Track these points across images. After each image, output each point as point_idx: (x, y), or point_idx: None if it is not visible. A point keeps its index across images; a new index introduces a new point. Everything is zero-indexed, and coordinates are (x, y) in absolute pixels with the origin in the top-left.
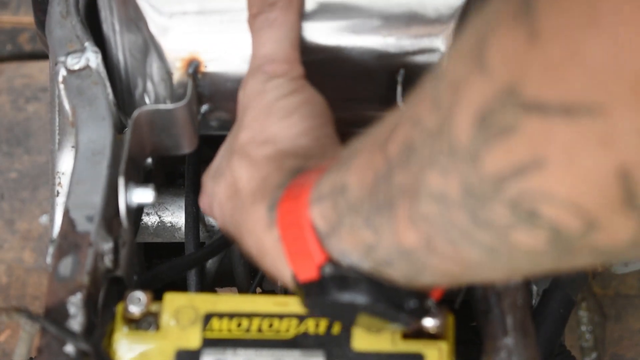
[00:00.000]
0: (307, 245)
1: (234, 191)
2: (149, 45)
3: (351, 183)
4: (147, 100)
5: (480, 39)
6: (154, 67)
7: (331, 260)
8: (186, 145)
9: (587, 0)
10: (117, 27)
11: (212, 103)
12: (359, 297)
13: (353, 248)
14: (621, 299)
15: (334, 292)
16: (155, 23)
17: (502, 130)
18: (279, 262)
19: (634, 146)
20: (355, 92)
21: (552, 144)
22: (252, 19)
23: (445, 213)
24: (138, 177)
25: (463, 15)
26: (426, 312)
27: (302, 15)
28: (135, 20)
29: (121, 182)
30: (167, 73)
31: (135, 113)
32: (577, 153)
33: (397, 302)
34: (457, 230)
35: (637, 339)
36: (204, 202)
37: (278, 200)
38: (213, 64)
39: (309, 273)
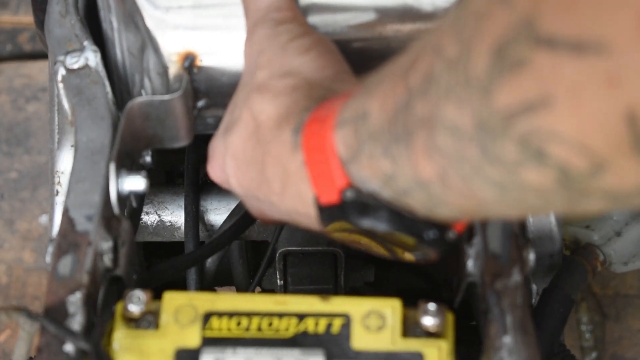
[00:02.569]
0: (329, 169)
1: (255, 127)
2: (145, 40)
3: (372, 110)
4: (144, 95)
5: None
6: (151, 62)
7: (352, 186)
8: (182, 138)
9: None
10: (115, 24)
11: (209, 99)
12: (378, 224)
13: (373, 176)
14: (621, 298)
15: (354, 217)
16: (151, 17)
17: (515, 64)
18: (302, 186)
19: (639, 87)
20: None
21: (560, 82)
22: None
23: (458, 146)
24: (131, 166)
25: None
26: (447, 244)
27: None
28: (132, 15)
29: (112, 169)
30: (163, 67)
31: (129, 104)
32: (584, 92)
33: (417, 231)
34: (469, 165)
35: (637, 339)
36: (213, 165)
37: (304, 122)
38: (208, 58)
39: (330, 196)
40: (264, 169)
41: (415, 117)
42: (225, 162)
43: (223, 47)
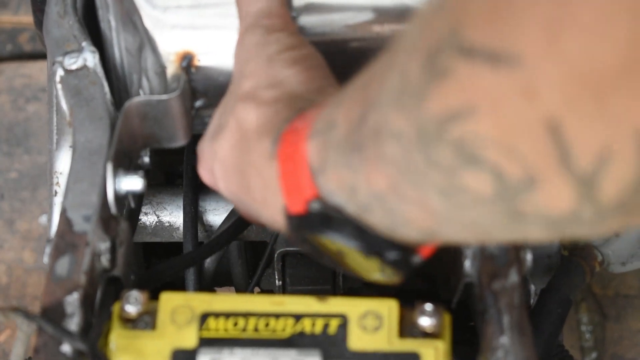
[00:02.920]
0: (299, 179)
1: (240, 135)
2: (143, 39)
3: (339, 121)
4: (142, 94)
5: None
6: (149, 62)
7: (319, 198)
8: (179, 138)
9: None
10: (113, 24)
11: (207, 98)
12: (342, 239)
13: (338, 188)
14: (621, 299)
15: (319, 228)
16: (149, 16)
17: (441, 72)
18: (277, 196)
19: (556, 99)
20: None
21: (479, 92)
22: None
23: (404, 154)
24: (129, 166)
25: None
26: (411, 268)
27: (292, 7)
28: (130, 14)
29: (109, 168)
30: (161, 67)
31: (126, 104)
32: (503, 103)
33: (379, 250)
34: (415, 171)
35: (637, 339)
36: (203, 167)
37: (281, 132)
38: (206, 58)
39: (298, 206)
40: (247, 178)
41: (368, 127)
42: (213, 166)
43: (221, 47)
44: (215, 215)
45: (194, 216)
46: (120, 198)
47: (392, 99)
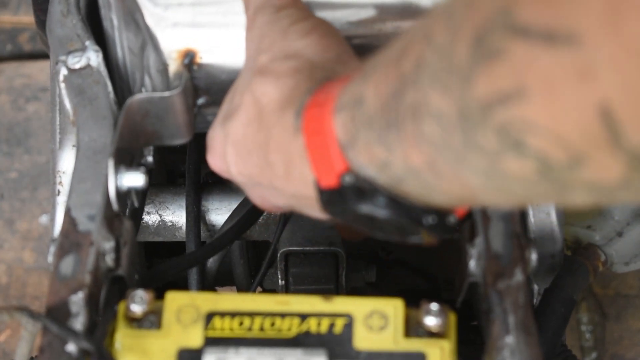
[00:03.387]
0: (329, 153)
1: (257, 111)
2: (145, 38)
3: (368, 96)
4: (149, 88)
5: None
6: (151, 60)
7: (351, 170)
8: (181, 135)
9: None
10: (115, 22)
11: (209, 96)
12: (377, 210)
13: (369, 162)
14: (621, 299)
15: (353, 202)
16: (151, 14)
17: (492, 53)
18: (304, 169)
19: (612, 81)
20: None
21: (533, 73)
22: None
23: (444, 134)
24: (131, 163)
25: None
26: (448, 228)
27: None
28: (132, 12)
29: (110, 165)
30: (163, 65)
31: (128, 101)
32: (557, 85)
33: (415, 217)
34: (454, 153)
35: (637, 339)
36: (213, 154)
37: (304, 106)
38: (208, 56)
39: (330, 180)
40: (267, 153)
41: (406, 104)
42: (225, 150)
43: (223, 44)
44: (218, 215)
45: (196, 215)
46: (122, 195)
47: (433, 78)
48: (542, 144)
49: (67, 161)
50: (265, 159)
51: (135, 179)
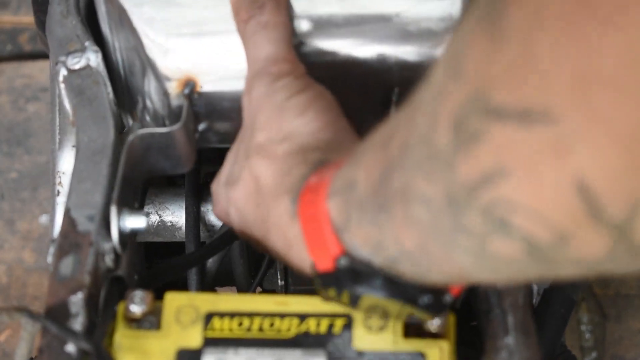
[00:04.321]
0: (324, 237)
1: (254, 190)
2: (145, 64)
3: (359, 180)
4: (147, 117)
5: (457, 47)
6: (152, 86)
7: (347, 254)
8: (184, 165)
9: (538, 0)
10: (117, 45)
11: (210, 121)
12: (373, 292)
13: (364, 244)
14: (621, 299)
15: (349, 284)
16: (151, 43)
17: (471, 137)
18: (302, 253)
19: (586, 155)
20: (349, 109)
21: (512, 153)
22: (243, 25)
23: (432, 218)
24: (133, 200)
25: None
26: (444, 307)
27: (296, 34)
28: (132, 41)
29: (113, 211)
30: (164, 93)
31: (130, 137)
32: (536, 163)
33: (411, 297)
34: (444, 235)
35: (637, 339)
36: (219, 210)
37: (300, 192)
38: (209, 85)
39: (326, 264)
40: (267, 232)
41: (394, 188)
42: (229, 211)
43: (223, 73)
44: None
45: (196, 216)
46: (124, 237)
47: (417, 164)
48: (527, 224)
49: (66, 161)
50: (266, 237)
51: (137, 222)
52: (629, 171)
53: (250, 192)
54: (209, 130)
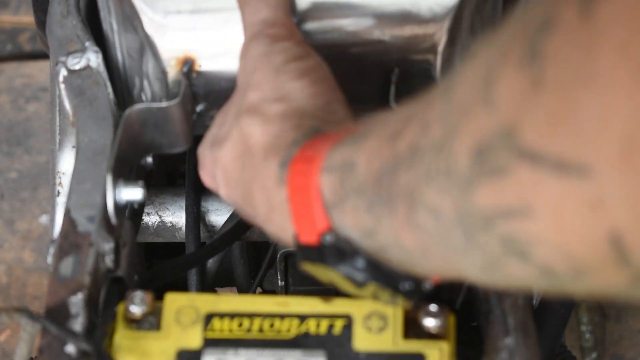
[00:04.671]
0: (312, 211)
1: (243, 149)
2: (144, 44)
3: (359, 164)
4: (143, 98)
5: (489, 72)
6: (150, 66)
7: (333, 230)
8: (181, 144)
9: (588, 54)
10: (115, 27)
11: (208, 102)
12: (355, 272)
13: (354, 226)
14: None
15: (331, 261)
16: (150, 21)
17: (495, 170)
18: (285, 221)
19: (625, 213)
20: (349, 92)
21: (540, 196)
22: None
23: (440, 228)
24: (129, 175)
25: (457, 14)
26: (424, 294)
27: (295, 13)
28: (131, 19)
29: (109, 179)
30: (162, 72)
31: (127, 111)
32: (566, 210)
33: (393, 282)
34: (452, 247)
35: (637, 339)
36: (204, 172)
37: (291, 158)
38: (207, 63)
39: (310, 237)
40: (251, 192)
41: (399, 186)
42: (215, 172)
43: (222, 52)
44: (218, 216)
45: (196, 216)
46: (120, 208)
47: (428, 174)
48: (548, 256)
49: (66, 162)
50: (249, 196)
51: (133, 193)
52: None
53: (238, 152)
54: (206, 113)
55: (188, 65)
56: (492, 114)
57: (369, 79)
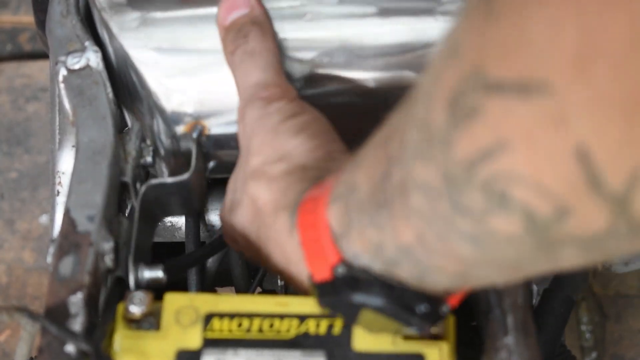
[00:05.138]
0: (322, 246)
1: (255, 212)
2: (153, 109)
3: (360, 183)
4: (161, 151)
5: (454, 29)
6: (161, 127)
7: (344, 261)
8: (196, 206)
9: None
10: (107, 37)
11: (219, 159)
12: (370, 299)
13: (363, 249)
14: (621, 299)
15: (346, 292)
16: (158, 88)
17: (469, 113)
18: (300, 266)
19: (586, 124)
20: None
21: (512, 126)
22: (231, 56)
23: (430, 204)
24: (148, 250)
25: None
26: (440, 319)
27: (293, 78)
28: (139, 85)
29: (130, 266)
30: (172, 133)
31: (143, 188)
32: (535, 134)
33: (408, 305)
34: (442, 221)
35: (637, 339)
36: (227, 237)
37: (299, 204)
38: (217, 127)
39: (323, 273)
40: (269, 252)
41: (393, 183)
42: (236, 238)
43: (230, 113)
44: (218, 215)
45: (196, 216)
46: (142, 286)
47: (415, 151)
48: (527, 196)
49: (66, 162)
50: (268, 256)
51: (154, 274)
52: (628, 142)
53: (251, 216)
54: (219, 166)
55: (198, 131)
56: (458, 62)
57: (373, 120)
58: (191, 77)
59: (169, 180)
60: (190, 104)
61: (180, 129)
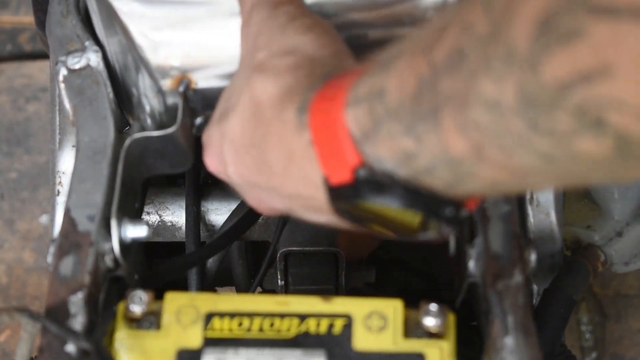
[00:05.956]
0: (341, 148)
1: (254, 110)
2: (138, 63)
3: (390, 88)
4: (142, 114)
5: None
6: (146, 83)
7: (365, 164)
8: (183, 163)
9: None
10: (103, 31)
11: (207, 114)
12: (394, 202)
13: (389, 155)
14: (621, 299)
15: (369, 196)
16: (142, 42)
17: (566, 36)
18: (308, 167)
19: None
20: None
21: (621, 50)
22: None
23: (499, 120)
24: (134, 202)
25: None
26: (461, 222)
27: None
28: (124, 40)
29: (113, 223)
30: (159, 88)
31: (126, 142)
32: None
33: (434, 208)
34: (512, 137)
35: (637, 339)
36: (210, 154)
37: (310, 101)
38: (204, 80)
39: (342, 176)
40: (264, 151)
41: (443, 94)
42: (222, 149)
43: (217, 67)
44: (218, 215)
45: (196, 216)
46: (126, 247)
47: (480, 66)
48: (626, 120)
49: (66, 161)
50: (263, 158)
51: (138, 231)
52: None
53: (249, 115)
54: (206, 123)
55: (184, 84)
56: None
57: None
58: (177, 29)
59: (155, 133)
60: (177, 57)
61: (166, 84)
